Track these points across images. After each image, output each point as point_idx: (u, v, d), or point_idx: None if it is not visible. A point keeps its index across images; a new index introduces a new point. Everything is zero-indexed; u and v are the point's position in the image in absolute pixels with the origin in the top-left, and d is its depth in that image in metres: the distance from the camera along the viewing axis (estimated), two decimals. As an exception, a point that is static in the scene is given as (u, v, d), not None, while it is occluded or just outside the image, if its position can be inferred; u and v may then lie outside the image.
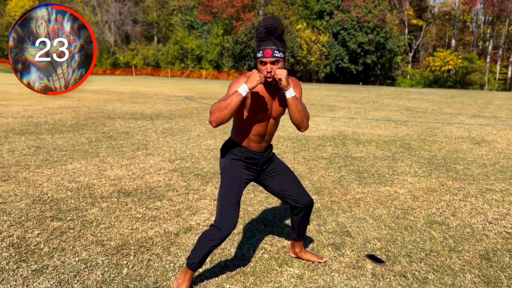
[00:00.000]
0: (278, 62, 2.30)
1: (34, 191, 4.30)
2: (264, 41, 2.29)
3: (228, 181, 2.49)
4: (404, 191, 4.64)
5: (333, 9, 41.75)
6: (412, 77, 45.94)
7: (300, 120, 2.42)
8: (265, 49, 2.28)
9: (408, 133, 8.79)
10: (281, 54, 2.30)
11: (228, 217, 2.39)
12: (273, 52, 2.28)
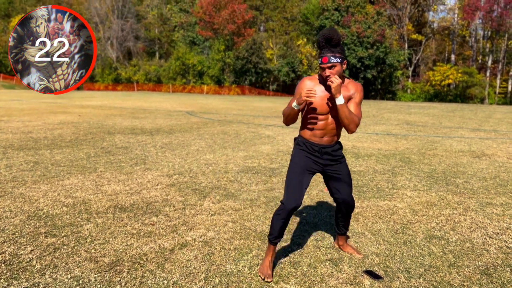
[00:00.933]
0: (335, 67, 2.66)
1: (29, 206, 4.27)
2: (323, 49, 2.67)
3: (293, 165, 2.90)
4: (404, 205, 4.59)
5: (333, 24, 42.10)
6: (412, 91, 46.06)
7: (345, 124, 2.75)
8: (323, 56, 2.67)
9: (408, 147, 8.75)
10: (337, 60, 2.65)
11: (290, 194, 2.79)
12: (329, 58, 2.64)
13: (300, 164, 2.89)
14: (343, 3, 41.95)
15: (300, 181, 2.84)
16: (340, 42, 2.67)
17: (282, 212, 2.81)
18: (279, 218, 2.83)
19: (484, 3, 42.14)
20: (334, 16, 42.07)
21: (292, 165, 2.92)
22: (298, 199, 2.79)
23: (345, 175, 3.04)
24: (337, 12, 42.15)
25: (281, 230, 2.87)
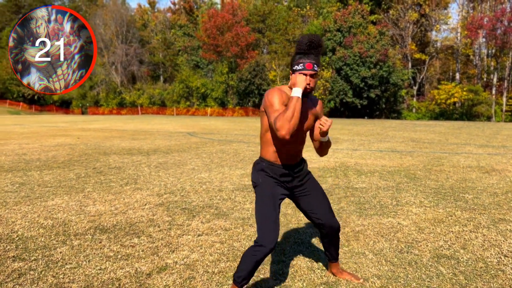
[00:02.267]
0: (316, 76, 2.45)
1: (4, 229, 3.97)
2: (306, 54, 2.42)
3: (262, 196, 2.54)
4: (408, 222, 4.23)
5: (335, 45, 42.26)
6: (417, 110, 45.76)
7: (322, 154, 2.72)
8: (306, 62, 2.40)
9: (413, 163, 8.40)
10: (318, 69, 2.45)
11: (268, 231, 2.42)
12: (313, 66, 2.41)
13: (270, 193, 2.54)
14: (345, 24, 42.17)
15: (275, 217, 2.48)
16: (322, 50, 2.50)
17: (258, 253, 2.38)
18: (254, 259, 2.39)
19: (488, 21, 42.19)
20: (336, 37, 42.25)
21: (261, 196, 2.54)
22: (275, 235, 2.42)
23: (318, 190, 2.73)
24: (339, 33, 42.35)
25: (252, 272, 2.48)
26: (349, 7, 43.30)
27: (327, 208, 2.70)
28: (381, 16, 46.80)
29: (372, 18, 45.16)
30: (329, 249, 2.84)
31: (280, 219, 4.33)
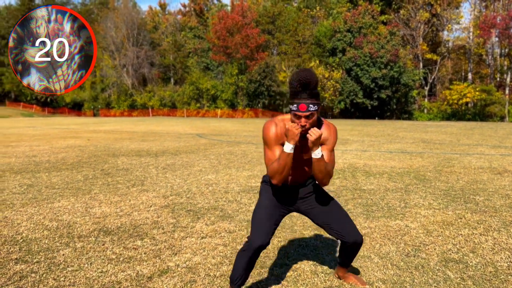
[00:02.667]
0: (313, 116, 2.30)
1: (9, 231, 3.97)
2: (298, 94, 2.27)
3: (261, 200, 2.59)
4: (416, 225, 4.14)
5: (345, 46, 42.06)
6: (429, 111, 45.26)
7: (320, 178, 2.42)
8: (299, 103, 2.26)
9: (423, 164, 8.27)
10: (315, 107, 2.28)
11: (257, 231, 2.44)
12: (308, 106, 2.26)
13: (270, 198, 2.58)
14: (355, 24, 41.94)
15: (269, 217, 2.50)
16: (317, 86, 2.31)
17: (247, 250, 2.44)
18: (244, 255, 2.46)
19: (501, 20, 41.58)
20: (346, 37, 42.04)
21: (260, 199, 2.61)
22: (266, 236, 2.42)
23: (331, 202, 2.65)
24: (349, 34, 42.13)
25: (246, 272, 2.50)
26: (359, 7, 43.07)
27: (345, 219, 2.60)
28: (392, 16, 46.43)
29: (382, 18, 44.85)
30: (344, 257, 2.77)
31: (285, 221, 4.28)
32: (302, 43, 46.48)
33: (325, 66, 42.64)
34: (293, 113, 2.31)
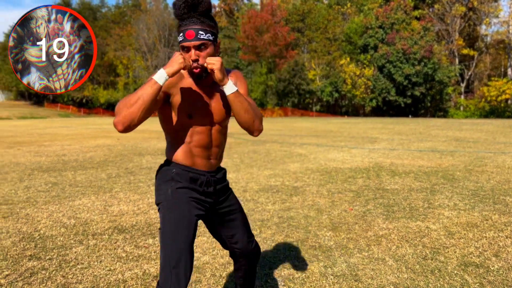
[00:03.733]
0: (207, 47, 1.74)
1: (28, 228, 4.06)
2: (185, 19, 1.74)
3: (173, 222, 1.76)
4: (438, 226, 3.95)
5: (377, 42, 41.25)
6: (465, 108, 43.77)
7: (250, 122, 1.82)
8: (186, 30, 1.72)
9: (453, 164, 7.95)
10: (208, 36, 1.74)
11: (174, 275, 1.66)
12: (197, 33, 1.71)
13: (185, 220, 1.78)
14: (387, 20, 41.06)
15: (189, 251, 1.73)
16: (210, 9, 1.77)
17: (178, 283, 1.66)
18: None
19: (541, 12, 39.65)
20: (378, 34, 41.24)
21: (170, 222, 1.77)
22: (191, 268, 1.71)
23: (240, 211, 2.08)
24: (381, 30, 41.31)
25: None
26: (391, 3, 42.14)
27: (250, 233, 2.10)
28: (426, 11, 45.16)
29: (415, 14, 43.68)
30: (242, 282, 2.19)
31: (300, 220, 4.19)
32: (333, 40, 45.94)
33: (356, 63, 41.95)
34: (181, 45, 1.76)
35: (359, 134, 16.40)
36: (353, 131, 18.08)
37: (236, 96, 1.77)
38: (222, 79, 1.73)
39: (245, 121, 1.82)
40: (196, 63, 1.74)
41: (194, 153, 1.87)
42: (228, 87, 1.75)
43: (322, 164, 7.97)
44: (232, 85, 1.76)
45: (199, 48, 1.73)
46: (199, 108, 1.83)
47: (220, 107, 1.88)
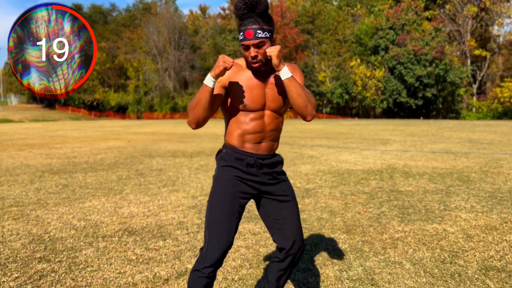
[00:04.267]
0: (264, 44, 1.91)
1: (38, 229, 4.03)
2: (245, 19, 1.91)
3: (217, 195, 2.00)
4: (456, 229, 3.84)
5: (388, 44, 40.95)
6: (478, 109, 43.21)
7: (303, 106, 1.94)
8: (245, 29, 1.90)
9: (468, 165, 7.79)
10: (266, 34, 1.90)
11: (215, 240, 1.91)
12: (256, 32, 1.88)
13: (227, 191, 1.98)
14: (398, 21, 40.76)
15: (230, 214, 1.94)
16: (267, 9, 1.92)
17: (202, 267, 1.89)
18: (199, 276, 1.89)
19: (555, 12, 39.06)
20: (389, 35, 40.94)
21: (215, 194, 2.00)
22: (227, 241, 1.91)
23: (293, 200, 2.11)
24: (392, 31, 41.00)
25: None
26: (402, 4, 41.82)
27: (299, 225, 2.11)
28: (437, 12, 44.74)
29: (426, 14, 43.30)
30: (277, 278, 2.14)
31: (313, 223, 4.10)
32: (343, 42, 45.72)
33: (366, 65, 41.68)
34: (241, 44, 1.94)
35: (370, 135, 16.24)
36: (364, 132, 17.91)
37: (291, 81, 1.90)
38: (278, 65, 1.89)
39: (298, 105, 1.94)
40: (255, 59, 1.91)
41: (246, 137, 2.02)
42: (283, 72, 1.90)
43: (334, 166, 7.87)
44: (287, 71, 1.90)
45: (258, 46, 1.90)
46: (254, 97, 1.99)
47: (276, 95, 2.02)
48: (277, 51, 1.87)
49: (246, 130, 2.01)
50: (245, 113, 2.00)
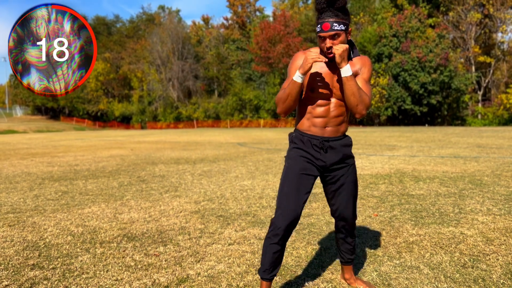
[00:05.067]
0: (339, 36, 2.05)
1: (33, 236, 3.85)
2: (323, 12, 2.06)
3: (286, 171, 2.27)
4: (474, 232, 3.62)
5: (391, 51, 40.81)
6: (483, 116, 42.81)
7: (354, 104, 2.09)
8: (323, 22, 2.04)
9: (479, 169, 7.55)
10: (341, 27, 2.04)
11: (283, 206, 2.19)
12: (332, 25, 2.03)
13: (296, 167, 2.24)
14: (401, 29, 40.66)
15: (296, 188, 2.19)
16: (346, 3, 2.04)
17: (272, 234, 2.18)
18: (270, 242, 2.19)
19: (560, 17, 38.86)
20: (393, 42, 40.81)
21: (285, 170, 2.28)
22: (293, 211, 2.17)
23: (352, 184, 2.36)
24: (395, 38, 40.88)
25: (275, 261, 2.21)
26: (405, 11, 41.73)
27: (354, 206, 2.40)
28: (440, 19, 44.61)
29: (430, 22, 43.17)
30: (340, 247, 2.54)
31: (322, 227, 3.89)
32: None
33: (370, 73, 41.53)
34: (318, 35, 2.09)
35: (376, 142, 16.01)
36: (369, 139, 17.68)
37: (348, 80, 2.05)
38: (340, 63, 2.03)
39: (350, 103, 2.10)
40: (331, 50, 2.06)
41: (313, 121, 2.23)
42: (343, 70, 2.04)
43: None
44: (347, 70, 2.03)
45: (333, 37, 2.04)
46: (322, 84, 2.17)
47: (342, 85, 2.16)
48: (341, 50, 1.99)
49: (312, 114, 2.22)
50: (313, 99, 2.21)
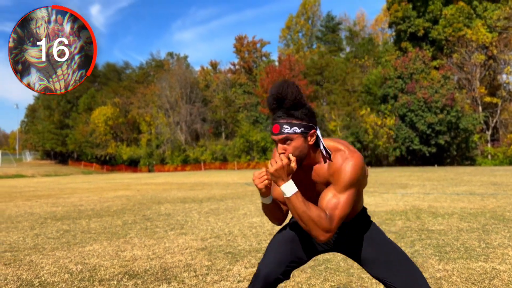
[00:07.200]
0: (292, 140, 1.70)
1: (29, 274, 3.59)
2: (275, 112, 1.75)
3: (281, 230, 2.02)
4: (506, 267, 3.30)
5: (397, 92, 41.08)
6: (493, 156, 42.32)
7: (306, 229, 1.70)
8: (273, 123, 1.74)
9: (499, 205, 7.22)
10: (294, 129, 1.69)
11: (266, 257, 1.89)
12: (282, 128, 1.70)
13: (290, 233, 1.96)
14: (406, 70, 41.12)
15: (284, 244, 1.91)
16: (300, 102, 1.70)
17: (255, 280, 1.84)
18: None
19: None
20: (398, 83, 41.16)
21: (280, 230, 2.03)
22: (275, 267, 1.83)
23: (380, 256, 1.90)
24: (400, 80, 41.27)
25: None
26: (409, 54, 42.37)
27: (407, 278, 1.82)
28: (444, 61, 45.17)
29: (434, 64, 43.71)
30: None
31: (339, 263, 3.59)
32: (352, 91, 46.12)
33: (377, 113, 41.66)
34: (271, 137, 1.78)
35: (387, 181, 15.67)
36: (380, 178, 17.34)
37: (290, 201, 1.69)
38: (276, 182, 1.70)
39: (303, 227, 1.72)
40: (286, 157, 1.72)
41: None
42: (282, 189, 1.69)
43: (354, 208, 7.35)
44: (287, 188, 1.68)
45: (285, 141, 1.72)
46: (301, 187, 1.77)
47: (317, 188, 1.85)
48: (274, 168, 1.66)
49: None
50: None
